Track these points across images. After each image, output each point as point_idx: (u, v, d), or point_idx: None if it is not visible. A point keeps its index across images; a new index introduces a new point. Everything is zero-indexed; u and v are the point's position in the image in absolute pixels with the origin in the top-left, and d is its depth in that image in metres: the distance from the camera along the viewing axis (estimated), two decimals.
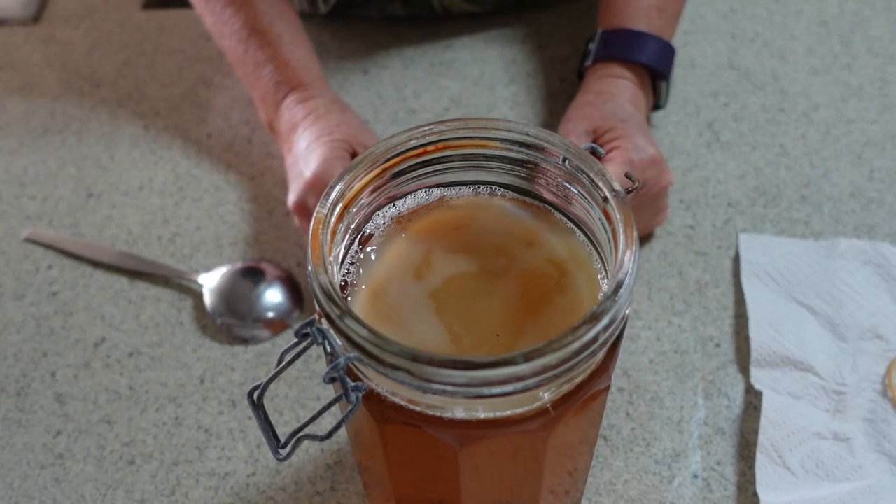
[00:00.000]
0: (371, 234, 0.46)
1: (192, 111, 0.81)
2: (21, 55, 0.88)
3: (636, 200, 0.63)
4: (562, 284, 0.43)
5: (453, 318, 0.42)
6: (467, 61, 0.84)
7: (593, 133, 0.65)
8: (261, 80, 0.70)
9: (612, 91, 0.68)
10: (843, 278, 0.65)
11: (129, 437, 0.60)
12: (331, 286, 0.38)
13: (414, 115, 0.80)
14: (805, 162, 0.74)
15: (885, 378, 0.59)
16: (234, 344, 0.65)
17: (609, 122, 0.64)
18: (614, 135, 0.63)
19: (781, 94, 0.80)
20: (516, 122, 0.44)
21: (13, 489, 0.58)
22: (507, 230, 0.46)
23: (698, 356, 0.63)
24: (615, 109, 0.66)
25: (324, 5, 0.84)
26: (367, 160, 0.43)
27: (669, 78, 0.72)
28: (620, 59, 0.70)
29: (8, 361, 0.65)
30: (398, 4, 0.84)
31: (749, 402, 0.60)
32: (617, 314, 0.38)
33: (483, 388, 0.36)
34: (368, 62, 0.84)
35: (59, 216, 0.74)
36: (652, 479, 0.57)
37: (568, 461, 0.48)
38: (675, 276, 0.67)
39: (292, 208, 0.64)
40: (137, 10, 0.92)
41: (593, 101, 0.67)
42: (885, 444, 0.56)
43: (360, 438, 0.47)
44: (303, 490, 0.57)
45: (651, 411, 0.60)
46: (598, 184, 0.42)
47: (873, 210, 0.71)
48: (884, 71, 0.81)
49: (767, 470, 0.56)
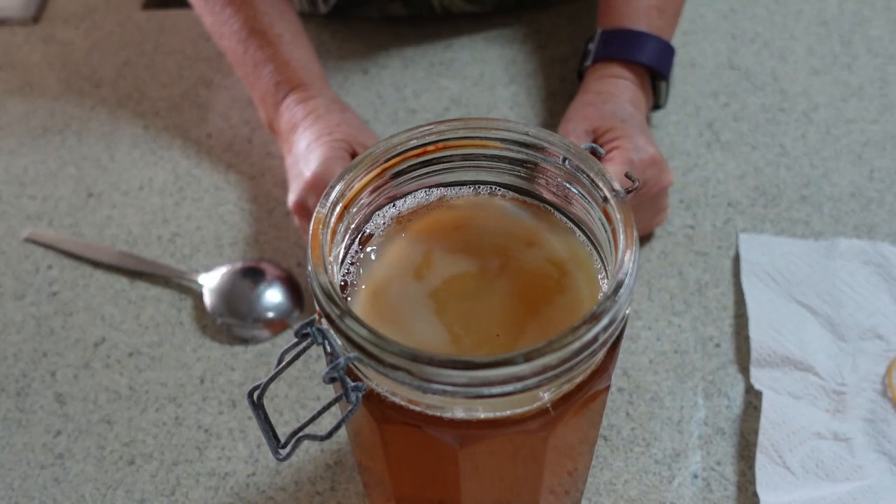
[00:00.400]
0: (371, 234, 0.46)
1: (192, 111, 0.81)
2: (21, 55, 0.88)
3: (636, 200, 0.63)
4: (562, 284, 0.43)
5: (453, 318, 0.42)
6: (467, 61, 0.84)
7: (593, 133, 0.65)
8: (261, 80, 0.70)
9: (612, 91, 0.68)
10: (843, 278, 0.65)
11: (129, 437, 0.60)
12: (331, 286, 0.38)
13: (414, 115, 0.80)
14: (805, 162, 0.74)
15: (885, 378, 0.59)
16: (234, 344, 0.65)
17: (609, 122, 0.64)
18: (614, 135, 0.63)
19: (781, 94, 0.80)
20: (516, 122, 0.44)
21: (13, 489, 0.58)
22: (507, 230, 0.46)
23: (698, 356, 0.63)
24: (615, 109, 0.66)
25: (324, 5, 0.84)
26: (367, 160, 0.43)
27: (669, 78, 0.72)
28: (620, 59, 0.70)
29: (8, 361, 0.65)
30: (398, 4, 0.84)
31: (749, 402, 0.60)
32: (617, 314, 0.38)
33: (483, 388, 0.36)
34: (368, 62, 0.84)
35: (59, 216, 0.74)
36: (652, 479, 0.57)
37: (568, 461, 0.48)
38: (675, 276, 0.67)
39: (292, 208, 0.64)
40: (137, 10, 0.92)
41: (593, 101, 0.67)
42: (885, 444, 0.56)
43: (360, 438, 0.47)
44: (303, 490, 0.57)
45: (651, 411, 0.60)
46: (598, 184, 0.42)
47: (873, 210, 0.71)
48: (884, 71, 0.81)
49: (767, 470, 0.56)
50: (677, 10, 0.74)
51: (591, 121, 0.65)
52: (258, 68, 0.70)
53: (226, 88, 0.83)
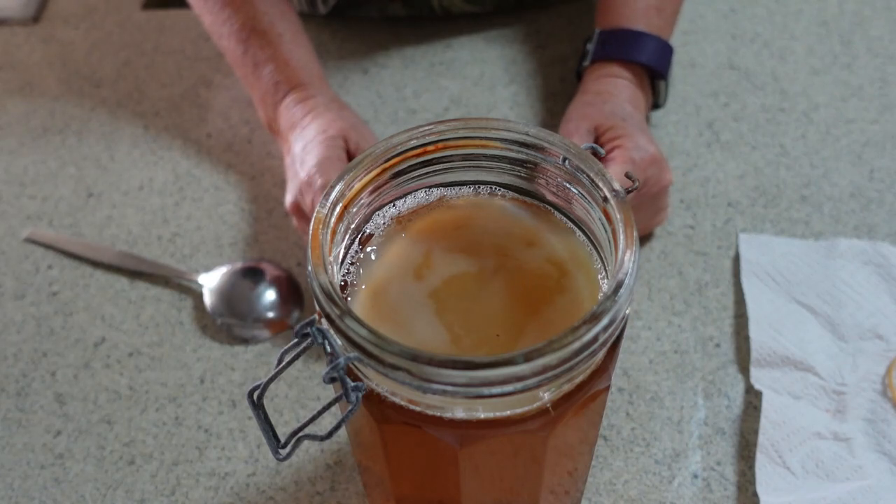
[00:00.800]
0: (371, 234, 0.46)
1: (192, 111, 0.81)
2: (21, 55, 0.88)
3: (637, 200, 0.63)
4: (562, 284, 0.43)
5: (453, 318, 0.42)
6: (467, 61, 0.84)
7: (595, 132, 0.65)
8: (260, 80, 0.70)
9: (611, 91, 0.68)
10: (843, 278, 0.65)
11: (129, 437, 0.60)
12: (331, 286, 0.38)
13: (414, 115, 0.80)
14: (805, 162, 0.74)
15: (885, 378, 0.59)
16: (234, 344, 0.65)
17: (610, 120, 0.64)
18: (615, 133, 0.63)
19: (781, 94, 0.80)
20: (516, 122, 0.44)
21: (13, 489, 0.58)
22: (507, 230, 0.46)
23: (698, 356, 0.63)
24: (615, 109, 0.66)
25: (323, 6, 0.84)
26: (367, 160, 0.43)
27: (668, 77, 0.72)
28: (618, 58, 0.70)
29: (8, 361, 0.65)
30: (398, 5, 0.84)
31: (749, 402, 0.60)
32: (617, 314, 0.38)
33: (483, 388, 0.36)
34: (368, 62, 0.84)
35: (59, 216, 0.74)
36: (652, 479, 0.57)
37: (568, 461, 0.48)
38: (675, 276, 0.67)
39: (289, 208, 0.65)
40: (137, 10, 0.92)
41: (592, 100, 0.67)
42: (885, 444, 0.56)
43: (360, 438, 0.47)
44: (303, 490, 0.57)
45: (651, 411, 0.60)
46: (598, 184, 0.42)
47: (873, 210, 0.71)
48: (884, 71, 0.81)
49: (767, 470, 0.56)
50: (676, 10, 0.74)
51: (592, 120, 0.65)
52: (258, 68, 0.69)
53: (226, 88, 0.83)
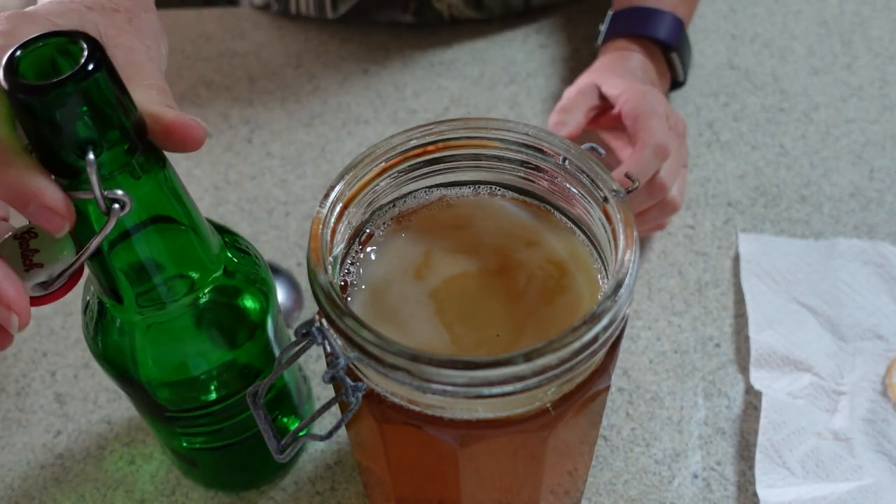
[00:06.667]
0: (371, 234, 0.46)
1: (192, 111, 0.81)
2: None
3: (677, 139, 0.63)
4: (562, 284, 0.43)
5: (453, 318, 0.42)
6: (467, 61, 0.84)
7: (596, 90, 0.66)
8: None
9: (619, 62, 0.70)
10: (843, 278, 0.65)
11: (129, 438, 0.60)
12: (331, 286, 0.38)
13: (414, 115, 0.80)
14: (805, 162, 0.74)
15: (885, 378, 0.59)
16: None
17: (612, 79, 0.66)
18: (621, 88, 0.64)
19: (781, 94, 0.80)
20: (516, 122, 0.44)
21: (13, 489, 0.58)
22: (507, 230, 0.46)
23: (698, 356, 0.63)
24: (622, 73, 0.68)
25: (332, 12, 0.84)
26: (367, 160, 0.43)
27: (681, 50, 0.72)
28: (626, 33, 0.72)
29: (8, 361, 0.65)
30: (408, 15, 0.84)
31: (749, 402, 0.60)
32: (617, 314, 0.38)
33: (483, 388, 0.36)
34: (368, 62, 0.84)
35: None
36: (652, 479, 0.57)
37: (568, 461, 0.48)
38: (675, 276, 0.67)
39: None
40: None
41: (598, 67, 0.70)
42: (885, 444, 0.56)
43: (360, 438, 0.47)
44: (303, 490, 0.57)
45: (651, 411, 0.60)
46: (598, 184, 0.42)
47: (873, 210, 0.71)
48: (884, 71, 0.81)
49: (767, 470, 0.56)
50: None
51: (594, 77, 0.67)
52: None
53: (226, 88, 0.83)
